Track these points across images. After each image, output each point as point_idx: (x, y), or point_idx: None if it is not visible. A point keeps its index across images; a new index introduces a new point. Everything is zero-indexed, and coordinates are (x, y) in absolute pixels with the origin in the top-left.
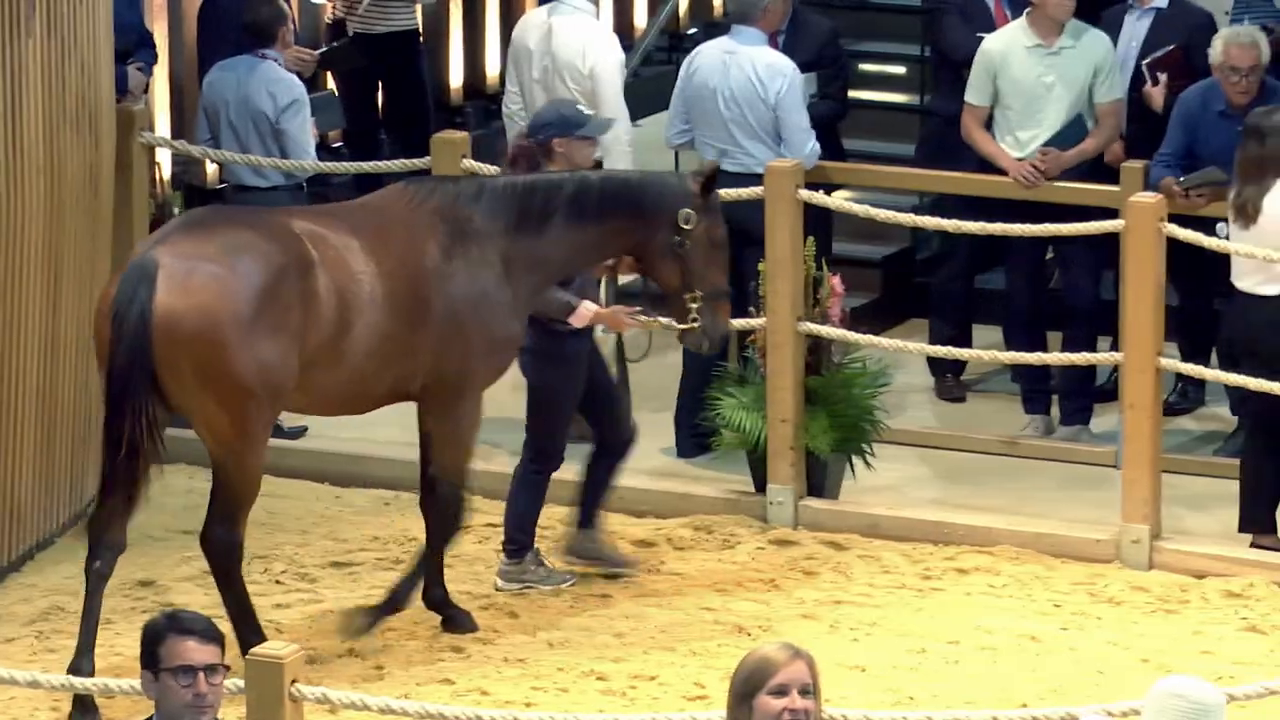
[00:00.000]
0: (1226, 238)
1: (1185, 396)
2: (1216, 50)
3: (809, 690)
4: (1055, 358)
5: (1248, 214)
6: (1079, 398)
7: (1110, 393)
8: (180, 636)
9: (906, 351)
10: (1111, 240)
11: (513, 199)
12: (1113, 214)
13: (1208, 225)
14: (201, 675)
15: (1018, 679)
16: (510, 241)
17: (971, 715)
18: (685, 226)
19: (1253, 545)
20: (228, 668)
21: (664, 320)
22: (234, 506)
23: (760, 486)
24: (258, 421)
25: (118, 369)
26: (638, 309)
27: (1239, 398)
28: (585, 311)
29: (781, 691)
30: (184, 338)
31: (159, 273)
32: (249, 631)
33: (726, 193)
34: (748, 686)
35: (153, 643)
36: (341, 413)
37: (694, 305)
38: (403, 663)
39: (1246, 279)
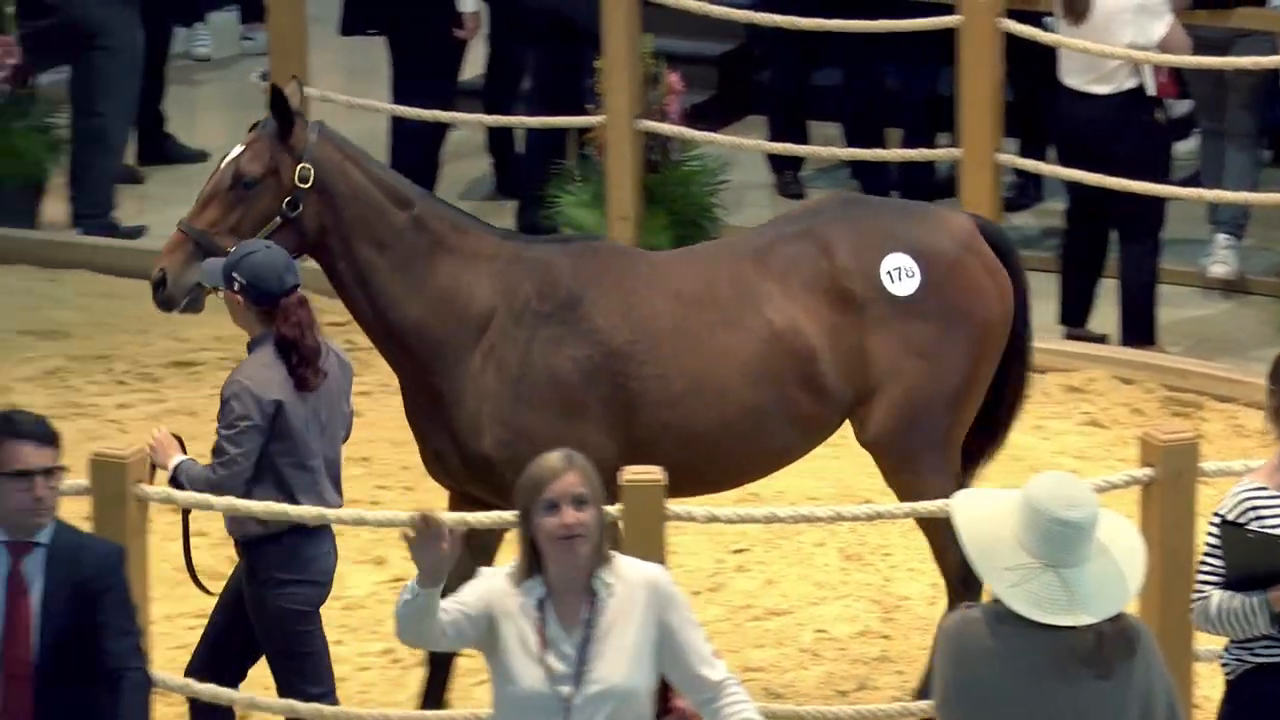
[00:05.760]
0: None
1: (1024, 192)
2: None
3: (584, 500)
4: (893, 154)
5: (1077, 10)
6: (917, 193)
7: (947, 187)
8: (16, 441)
9: (744, 148)
10: (948, 35)
11: None
12: (949, 9)
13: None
14: (39, 479)
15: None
16: None
17: None
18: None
19: (1067, 337)
20: (65, 469)
21: None
22: None
23: None
24: None
25: None
26: None
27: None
28: None
29: (553, 506)
30: None
31: None
32: None
33: None
34: (525, 504)
35: None
36: None
37: None
38: None
39: (1076, 76)
